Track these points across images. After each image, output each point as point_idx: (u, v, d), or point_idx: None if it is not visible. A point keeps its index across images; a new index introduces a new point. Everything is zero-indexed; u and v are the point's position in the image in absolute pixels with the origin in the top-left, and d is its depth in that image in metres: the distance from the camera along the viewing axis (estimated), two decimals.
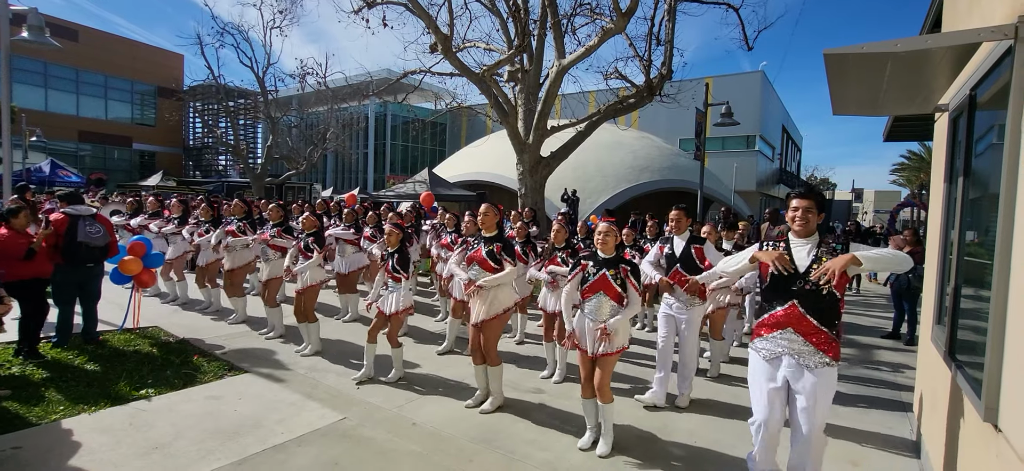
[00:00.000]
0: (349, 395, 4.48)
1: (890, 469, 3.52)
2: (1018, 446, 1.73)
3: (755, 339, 2.97)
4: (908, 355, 6.49)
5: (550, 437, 3.82)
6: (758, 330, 2.96)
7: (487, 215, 4.37)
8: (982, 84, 2.63)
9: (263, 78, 22.35)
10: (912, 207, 24.17)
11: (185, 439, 3.63)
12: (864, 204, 62.59)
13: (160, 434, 3.69)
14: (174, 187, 23.29)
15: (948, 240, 3.31)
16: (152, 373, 4.83)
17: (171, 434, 3.70)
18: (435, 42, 11.54)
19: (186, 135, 38.56)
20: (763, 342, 2.90)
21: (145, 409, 4.10)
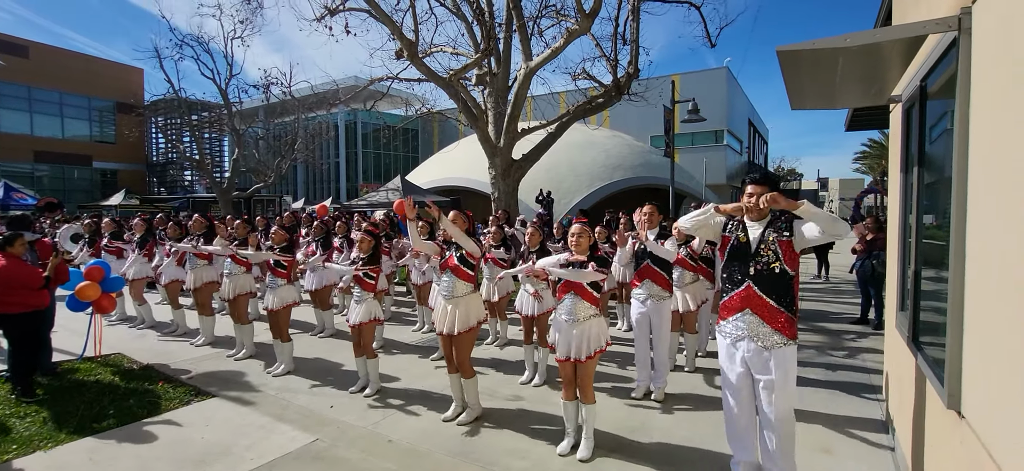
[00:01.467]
0: (322, 415, 4.36)
1: (862, 454, 3.58)
2: (981, 433, 1.76)
3: (720, 322, 3.06)
4: (876, 339, 6.66)
5: (529, 445, 3.78)
6: (722, 313, 3.05)
7: (456, 222, 4.31)
8: (931, 75, 2.70)
9: (226, 90, 21.81)
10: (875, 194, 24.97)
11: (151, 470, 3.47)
12: (830, 192, 64.49)
13: (123, 468, 3.53)
14: (138, 205, 22.53)
15: (907, 227, 3.40)
16: (113, 403, 4.62)
17: (135, 467, 3.54)
18: (401, 48, 11.42)
19: (149, 151, 37.39)
20: (727, 325, 3.00)
21: (106, 443, 3.91)
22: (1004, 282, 1.62)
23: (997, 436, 1.64)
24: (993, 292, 1.73)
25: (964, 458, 1.92)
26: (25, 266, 4.70)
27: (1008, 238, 1.60)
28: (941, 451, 2.27)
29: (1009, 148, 1.62)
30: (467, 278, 4.18)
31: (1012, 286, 1.56)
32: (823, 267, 12.49)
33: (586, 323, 3.51)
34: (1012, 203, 1.58)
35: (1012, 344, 1.54)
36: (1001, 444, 1.60)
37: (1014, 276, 1.54)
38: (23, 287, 4.60)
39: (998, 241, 1.69)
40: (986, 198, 1.82)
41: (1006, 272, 1.61)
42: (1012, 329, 1.55)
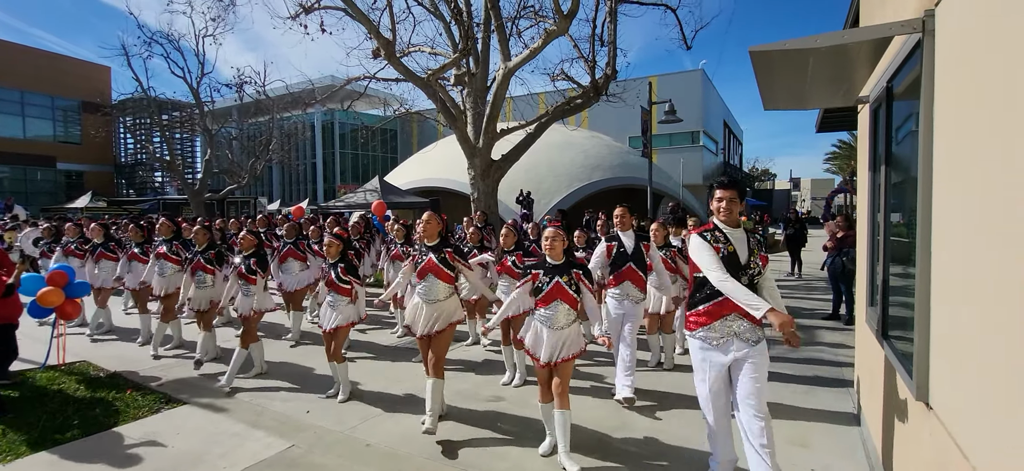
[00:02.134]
0: (298, 420, 4.27)
1: (836, 446, 3.66)
2: (949, 424, 1.81)
3: (697, 329, 2.99)
4: (847, 334, 6.83)
5: (509, 446, 3.76)
6: (700, 320, 2.97)
7: (429, 224, 4.26)
8: (897, 76, 2.77)
9: (197, 89, 21.30)
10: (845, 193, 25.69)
11: None
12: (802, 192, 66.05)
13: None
14: (105, 208, 21.84)
15: (875, 225, 3.48)
16: (78, 413, 4.45)
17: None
18: (378, 48, 11.30)
19: (117, 152, 36.27)
20: (710, 331, 2.94)
21: (70, 454, 3.76)
22: (969, 277, 1.67)
23: (964, 427, 1.69)
24: (958, 287, 1.77)
25: (932, 448, 1.98)
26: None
27: (972, 234, 1.65)
28: (910, 442, 2.33)
29: (971, 147, 1.67)
30: (447, 279, 4.14)
31: (977, 281, 1.60)
32: (796, 265, 12.78)
33: (566, 330, 3.49)
34: (975, 200, 1.62)
35: (977, 338, 1.59)
36: (967, 434, 1.65)
37: (979, 272, 1.59)
38: None
39: (963, 238, 1.74)
40: (950, 196, 1.87)
41: (971, 268, 1.65)
42: (977, 323, 1.59)
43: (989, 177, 1.53)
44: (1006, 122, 1.42)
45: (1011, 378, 1.35)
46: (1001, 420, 1.41)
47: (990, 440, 1.48)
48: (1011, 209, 1.36)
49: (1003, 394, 1.40)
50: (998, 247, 1.45)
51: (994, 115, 1.51)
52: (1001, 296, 1.42)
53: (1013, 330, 1.34)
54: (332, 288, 4.63)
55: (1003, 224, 1.42)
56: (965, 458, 1.62)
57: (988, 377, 1.50)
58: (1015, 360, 1.32)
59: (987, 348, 1.51)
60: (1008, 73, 1.43)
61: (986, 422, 1.50)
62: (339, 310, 4.62)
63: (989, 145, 1.54)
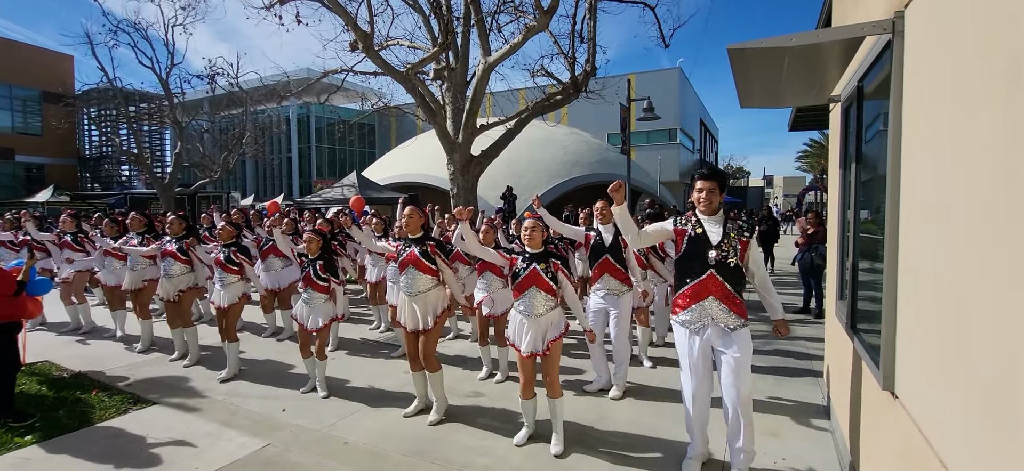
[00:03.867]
0: (273, 419, 4.19)
1: (807, 436, 3.76)
2: (913, 412, 1.87)
3: (678, 312, 3.13)
4: (817, 328, 7.02)
5: (490, 441, 3.76)
6: (679, 302, 3.13)
7: (412, 217, 4.23)
8: (867, 76, 2.85)
9: (167, 80, 20.64)
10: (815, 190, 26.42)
11: None
12: (775, 190, 67.60)
13: None
14: (69, 202, 21.05)
15: (845, 221, 3.58)
16: (43, 413, 4.29)
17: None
18: (355, 40, 11.13)
19: (80, 144, 34.98)
20: (687, 314, 3.09)
21: (32, 458, 3.62)
22: (935, 272, 1.73)
23: (927, 415, 1.75)
24: (925, 281, 1.83)
25: (896, 435, 2.04)
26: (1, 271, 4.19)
27: (935, 230, 1.71)
28: (876, 430, 2.41)
29: (937, 146, 1.72)
30: (429, 271, 4.11)
31: (941, 276, 1.66)
32: (768, 260, 13.07)
33: (546, 317, 3.52)
34: (940, 197, 1.68)
35: (940, 331, 1.64)
36: (931, 422, 1.71)
37: (943, 267, 1.64)
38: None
39: (928, 233, 1.80)
40: (917, 192, 1.93)
41: (936, 263, 1.71)
42: (941, 316, 1.65)
43: (947, 175, 1.58)
44: (955, 120, 1.48)
45: (970, 369, 1.40)
46: (961, 408, 1.46)
47: (951, 427, 1.54)
48: (967, 205, 1.42)
49: (963, 384, 1.45)
50: (958, 242, 1.50)
51: (949, 114, 1.56)
52: (961, 290, 1.47)
53: (972, 323, 1.39)
54: (309, 285, 4.56)
55: (961, 220, 1.47)
56: (928, 444, 1.68)
57: (950, 368, 1.55)
58: (975, 352, 1.38)
59: (949, 340, 1.56)
60: (956, 73, 1.48)
61: (948, 410, 1.56)
62: (316, 308, 4.56)
63: (947, 143, 1.59)
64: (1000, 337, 1.24)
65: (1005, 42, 1.25)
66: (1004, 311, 1.22)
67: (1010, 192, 1.20)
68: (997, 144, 1.28)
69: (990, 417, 1.28)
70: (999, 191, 1.26)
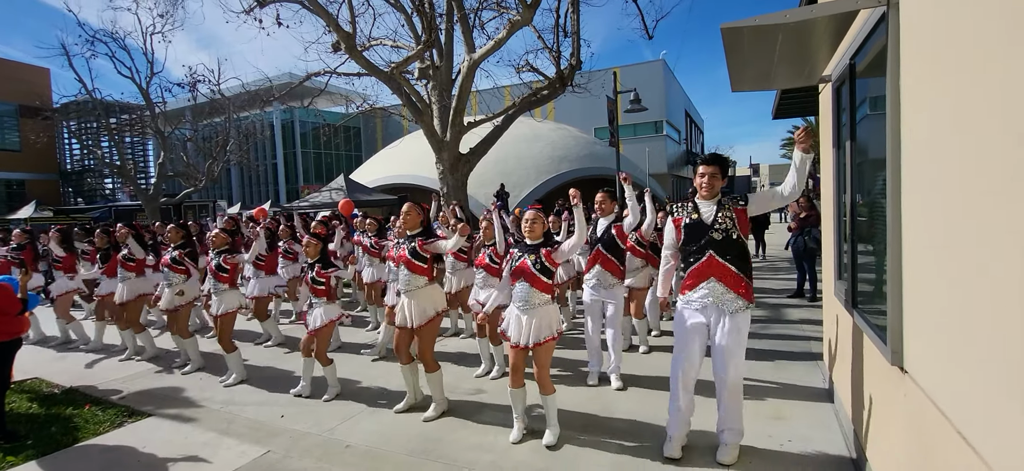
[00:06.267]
0: (272, 426, 4.12)
1: (810, 416, 3.77)
2: (924, 384, 1.87)
3: (684, 293, 3.17)
4: (813, 310, 7.07)
5: (493, 437, 3.72)
6: (686, 283, 3.15)
7: (409, 214, 4.19)
8: (859, 53, 2.85)
9: (147, 89, 20.32)
10: None
11: None
12: (761, 177, 68.23)
13: None
14: (52, 218, 20.63)
15: (841, 204, 3.59)
16: (32, 432, 4.18)
17: None
18: (338, 41, 11.01)
19: (61, 158, 34.32)
20: (691, 296, 3.12)
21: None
22: (940, 244, 1.72)
23: (941, 387, 1.74)
24: (930, 256, 1.83)
25: (907, 410, 2.04)
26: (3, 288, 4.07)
27: (939, 201, 1.70)
28: (885, 405, 2.41)
29: (936, 115, 1.71)
30: (420, 271, 4.07)
31: (947, 247, 1.65)
32: (760, 246, 13.17)
33: (540, 310, 3.49)
34: (943, 169, 1.67)
35: (951, 301, 1.64)
36: (945, 394, 1.70)
37: (949, 238, 1.63)
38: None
39: (931, 205, 1.79)
40: (919, 165, 1.93)
41: (942, 235, 1.70)
42: (950, 287, 1.64)
43: (946, 143, 1.57)
44: (953, 88, 1.47)
45: (984, 337, 1.39)
46: (978, 377, 1.45)
47: (968, 397, 1.53)
48: (970, 171, 1.41)
49: (977, 352, 1.44)
50: (961, 211, 1.49)
51: (946, 82, 1.55)
52: (967, 260, 1.46)
53: (982, 292, 1.38)
54: (309, 288, 4.50)
55: (964, 188, 1.46)
56: (943, 416, 1.67)
57: (962, 338, 1.55)
58: (987, 320, 1.37)
59: (960, 311, 1.56)
60: (952, 41, 1.47)
61: (963, 380, 1.55)
62: (318, 310, 4.51)
63: (945, 112, 1.58)
64: (1013, 297, 1.23)
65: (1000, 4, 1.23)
66: (1014, 272, 1.21)
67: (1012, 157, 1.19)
68: (996, 108, 1.27)
69: (1008, 383, 1.27)
70: (1000, 156, 1.25)
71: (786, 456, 3.23)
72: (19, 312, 4.09)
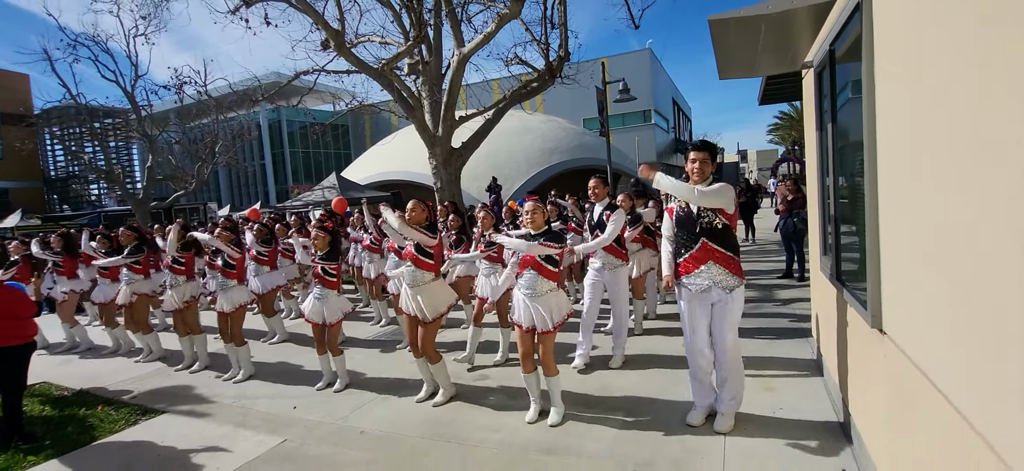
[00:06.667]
0: (286, 417, 4.26)
1: (799, 387, 3.98)
2: (901, 343, 2.06)
3: (682, 276, 3.35)
4: (802, 290, 7.31)
5: (501, 418, 3.89)
6: (680, 268, 3.34)
7: (415, 211, 4.32)
8: (838, 39, 3.03)
9: (132, 92, 20.11)
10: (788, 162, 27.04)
11: None
12: (749, 163, 68.87)
13: None
14: (40, 226, 20.43)
15: (825, 184, 3.78)
16: (48, 433, 4.28)
17: None
18: (326, 39, 11.03)
19: (44, 165, 33.87)
20: (690, 279, 3.31)
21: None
22: (915, 216, 1.90)
23: (916, 344, 1.92)
24: (905, 227, 2.01)
25: (886, 368, 2.23)
26: (17, 292, 4.20)
27: (915, 177, 1.87)
28: (866, 366, 2.60)
29: (910, 98, 1.89)
30: (427, 267, 4.21)
31: (920, 220, 1.83)
32: (750, 231, 13.44)
33: (545, 297, 3.65)
34: (914, 147, 1.85)
35: (925, 265, 1.82)
36: (920, 350, 1.88)
37: (920, 212, 1.81)
38: (13, 317, 4.06)
39: (905, 180, 1.97)
40: (893, 142, 2.10)
41: (916, 203, 1.88)
42: (923, 251, 1.82)
43: (917, 119, 1.75)
44: (922, 67, 1.64)
45: (954, 295, 1.57)
46: (949, 332, 1.63)
47: (941, 352, 1.71)
48: (937, 150, 1.58)
49: (948, 310, 1.62)
50: (932, 181, 1.66)
51: (917, 63, 1.72)
52: (938, 225, 1.64)
53: (951, 252, 1.56)
54: (319, 281, 4.62)
55: (935, 160, 1.64)
56: (919, 370, 1.86)
57: (935, 297, 1.73)
58: (956, 278, 1.54)
59: (933, 273, 1.74)
60: (921, 25, 1.64)
61: (936, 336, 1.73)
62: (328, 303, 4.63)
63: (917, 89, 1.75)
64: (977, 262, 1.40)
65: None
66: (977, 239, 1.38)
67: (974, 127, 1.36)
68: (962, 90, 1.44)
69: (974, 336, 1.45)
70: (965, 133, 1.42)
71: (777, 421, 3.44)
72: (33, 315, 4.18)
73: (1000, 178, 1.23)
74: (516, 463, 3.24)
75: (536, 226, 3.74)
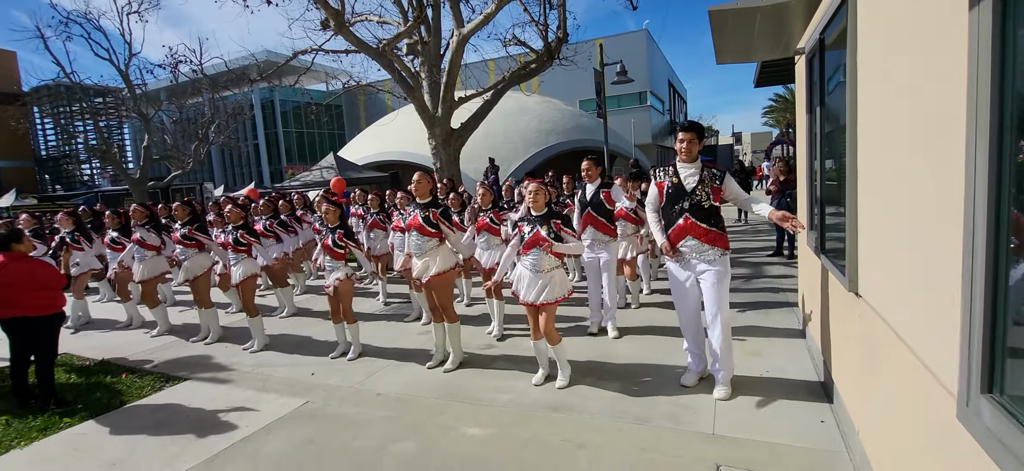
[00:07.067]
0: (305, 382, 4.52)
1: (784, 351, 4.28)
2: (873, 302, 2.33)
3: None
4: (791, 267, 7.62)
5: (508, 381, 4.17)
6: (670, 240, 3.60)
7: (420, 183, 4.53)
8: (828, 28, 3.25)
9: (127, 71, 19.98)
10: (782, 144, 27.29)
11: (142, 450, 3.54)
12: (743, 146, 69.12)
13: (113, 451, 3.56)
14: (36, 205, 20.40)
15: (813, 166, 4.04)
16: (78, 398, 4.52)
17: (125, 449, 3.58)
18: (326, 18, 11.08)
19: (35, 145, 33.55)
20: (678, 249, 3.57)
21: (86, 433, 3.88)
22: (887, 193, 2.15)
23: (885, 303, 2.20)
24: (878, 201, 2.27)
25: (861, 327, 2.51)
26: (50, 265, 4.43)
27: (887, 156, 2.13)
28: (843, 326, 2.89)
29: (886, 86, 2.13)
30: (431, 234, 4.45)
31: (891, 196, 2.08)
32: (741, 212, 13.75)
33: (549, 274, 3.89)
34: (892, 126, 2.09)
35: (896, 235, 2.08)
36: (889, 308, 2.16)
37: (893, 181, 2.07)
38: (47, 288, 4.29)
39: (882, 156, 2.22)
40: (871, 125, 2.35)
41: (888, 178, 2.14)
42: (895, 223, 2.08)
43: (890, 104, 1.99)
44: (894, 59, 1.87)
45: (915, 259, 1.83)
46: (906, 293, 1.90)
47: (905, 309, 1.98)
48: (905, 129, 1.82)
49: (909, 273, 1.89)
50: (904, 161, 1.92)
51: (891, 54, 1.96)
52: (907, 200, 1.90)
53: (916, 224, 1.81)
54: (328, 253, 4.85)
55: (904, 141, 1.88)
56: (887, 325, 2.13)
57: (901, 263, 1.99)
58: (919, 247, 1.80)
59: (901, 242, 2.00)
60: (891, 21, 1.87)
61: (902, 296, 2.00)
62: (338, 270, 4.87)
63: (891, 78, 1.99)
64: (931, 227, 1.66)
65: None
66: (929, 209, 1.64)
67: (929, 113, 1.60)
68: (920, 75, 1.69)
69: (933, 292, 1.71)
70: (923, 115, 1.67)
71: (764, 381, 3.74)
72: (64, 288, 4.40)
73: (943, 157, 1.48)
74: (525, 419, 3.53)
75: (538, 207, 3.95)
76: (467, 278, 6.78)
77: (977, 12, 1.21)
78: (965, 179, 1.30)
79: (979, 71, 1.21)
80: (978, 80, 1.22)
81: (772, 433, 3.05)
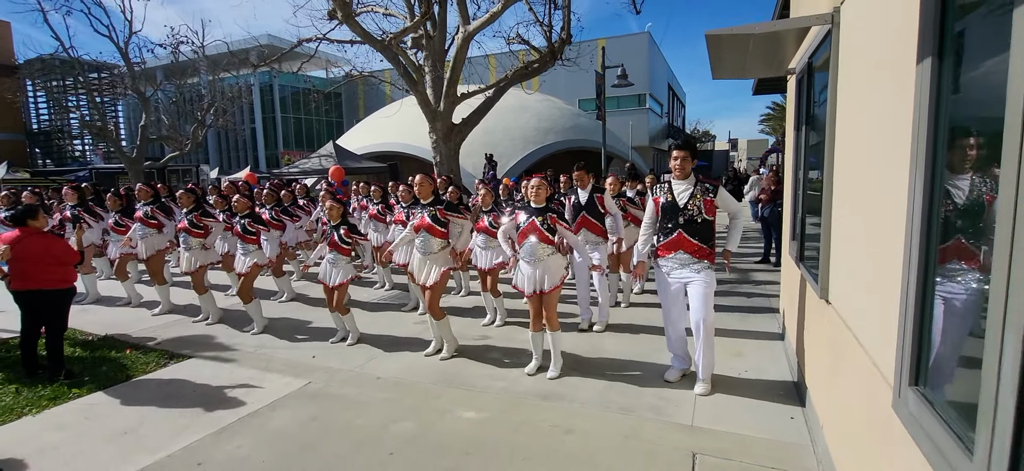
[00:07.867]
0: (307, 364, 4.71)
1: (764, 352, 4.53)
2: (840, 309, 2.56)
3: (659, 258, 3.85)
4: (777, 274, 7.88)
5: (502, 371, 4.39)
6: (659, 251, 3.84)
7: (423, 185, 4.73)
8: (816, 54, 3.48)
9: (126, 49, 19.92)
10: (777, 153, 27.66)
11: (152, 421, 3.72)
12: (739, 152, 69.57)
13: (123, 421, 3.74)
14: (29, 179, 20.34)
15: (799, 177, 4.28)
16: (85, 371, 4.68)
17: (135, 419, 3.76)
18: (333, 8, 11.19)
19: (26, 118, 33.24)
20: (664, 261, 3.83)
21: (95, 403, 4.06)
22: (855, 210, 2.38)
23: (848, 309, 2.43)
24: (846, 214, 2.50)
25: (829, 330, 2.75)
26: (65, 241, 4.59)
27: (858, 173, 2.35)
28: (814, 329, 3.13)
29: (858, 112, 2.35)
30: (440, 235, 4.65)
31: (858, 213, 2.31)
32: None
33: (546, 261, 4.12)
34: (861, 150, 2.32)
35: (859, 252, 2.31)
36: (850, 313, 2.39)
37: (861, 203, 2.29)
38: (62, 263, 4.46)
39: (853, 176, 2.45)
40: (846, 147, 2.58)
41: (856, 197, 2.36)
42: (862, 241, 2.31)
43: (860, 127, 2.22)
44: (866, 89, 2.10)
45: (873, 272, 2.06)
46: (864, 301, 2.13)
47: (862, 314, 2.21)
48: (867, 152, 2.05)
49: (867, 284, 2.12)
50: (869, 183, 2.14)
51: (863, 84, 2.18)
52: (869, 218, 2.12)
53: (875, 241, 2.04)
54: (334, 248, 5.03)
55: (865, 162, 2.11)
56: (848, 329, 2.36)
57: (861, 274, 2.22)
58: (875, 261, 2.03)
59: (862, 255, 2.23)
60: (867, 56, 2.09)
61: (860, 303, 2.24)
62: (339, 267, 5.05)
63: (864, 105, 2.22)
64: (884, 241, 1.88)
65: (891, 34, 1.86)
66: (892, 226, 1.86)
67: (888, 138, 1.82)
68: (886, 106, 1.91)
69: (884, 304, 1.94)
70: (880, 141, 1.89)
71: (742, 381, 3.98)
72: (76, 263, 4.56)
73: (898, 179, 1.70)
74: (518, 405, 3.75)
75: (539, 201, 4.18)
76: (465, 271, 6.97)
77: (924, 65, 1.43)
78: (907, 199, 1.52)
79: (919, 113, 1.43)
80: (919, 120, 1.44)
81: (745, 426, 3.29)
